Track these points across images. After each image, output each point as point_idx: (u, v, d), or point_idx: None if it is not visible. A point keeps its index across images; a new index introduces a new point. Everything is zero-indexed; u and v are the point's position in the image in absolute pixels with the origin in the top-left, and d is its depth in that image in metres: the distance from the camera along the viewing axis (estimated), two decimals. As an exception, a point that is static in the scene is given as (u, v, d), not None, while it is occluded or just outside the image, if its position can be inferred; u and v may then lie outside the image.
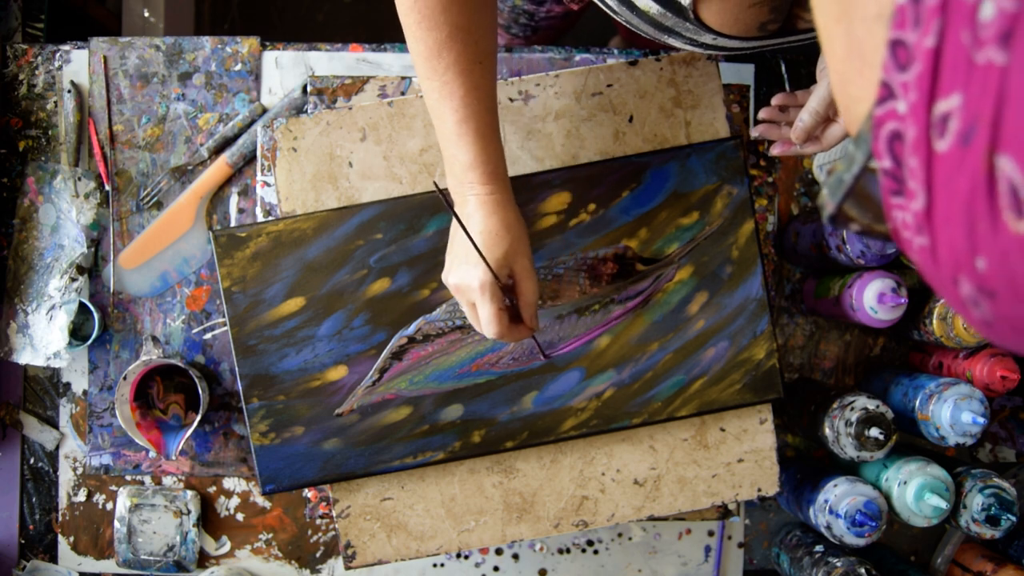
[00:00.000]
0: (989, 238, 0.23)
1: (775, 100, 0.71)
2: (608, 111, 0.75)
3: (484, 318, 0.62)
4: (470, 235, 0.60)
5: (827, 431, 0.79)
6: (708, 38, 0.62)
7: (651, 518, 0.82)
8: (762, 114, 0.72)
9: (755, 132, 0.72)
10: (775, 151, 0.70)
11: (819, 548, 0.84)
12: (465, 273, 0.62)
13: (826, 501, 0.78)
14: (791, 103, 0.72)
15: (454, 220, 0.65)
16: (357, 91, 0.89)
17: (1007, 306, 0.24)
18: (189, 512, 0.89)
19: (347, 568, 0.75)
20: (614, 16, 0.67)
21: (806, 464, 0.89)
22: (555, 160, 0.75)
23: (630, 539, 0.93)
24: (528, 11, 1.01)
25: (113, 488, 0.91)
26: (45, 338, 0.87)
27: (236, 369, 0.71)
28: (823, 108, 0.66)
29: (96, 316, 0.87)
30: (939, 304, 0.79)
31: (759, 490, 0.76)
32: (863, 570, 0.79)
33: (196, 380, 0.84)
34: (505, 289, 0.62)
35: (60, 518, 0.91)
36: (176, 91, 0.91)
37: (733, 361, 0.73)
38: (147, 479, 0.91)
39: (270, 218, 0.85)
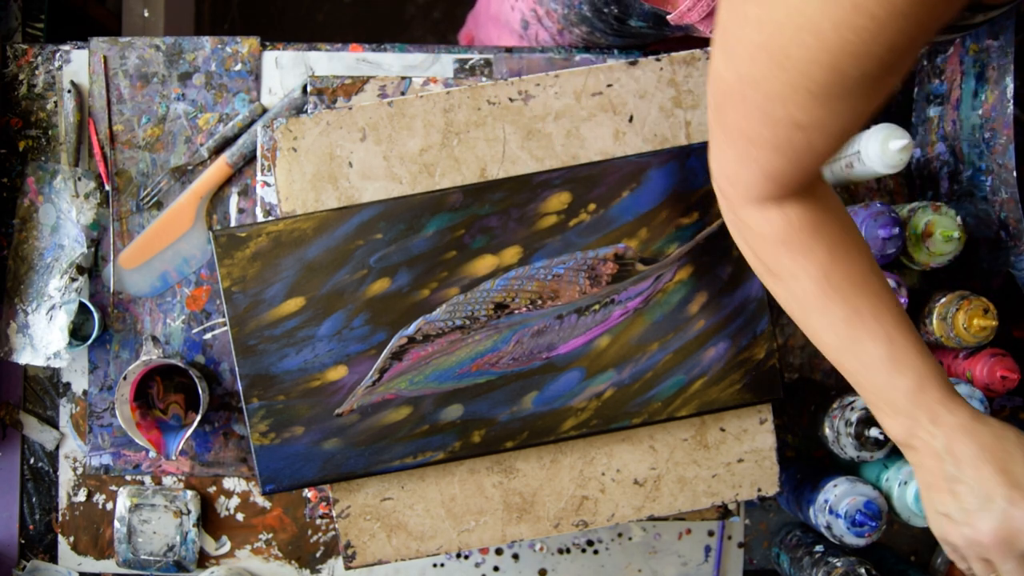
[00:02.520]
0: None
1: None
2: (608, 111, 0.75)
3: None
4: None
5: (827, 431, 0.79)
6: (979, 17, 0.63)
7: (651, 518, 0.82)
8: None
9: None
10: None
11: (819, 548, 0.84)
12: (1006, 515, 0.51)
13: (826, 501, 0.78)
14: None
15: (931, 459, 0.55)
16: (357, 91, 0.89)
17: None
18: (189, 512, 0.89)
19: (347, 568, 0.75)
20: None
21: (806, 464, 0.89)
22: (555, 160, 0.75)
23: (630, 539, 0.93)
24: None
25: (113, 488, 0.91)
26: (45, 338, 0.87)
27: (236, 369, 0.71)
28: None
29: (96, 316, 0.87)
30: (939, 304, 0.79)
31: (759, 490, 0.76)
32: (863, 570, 0.79)
33: (196, 380, 0.84)
34: None
35: (60, 518, 0.91)
36: (176, 91, 0.91)
37: (733, 361, 0.73)
38: (147, 479, 0.91)
39: (270, 218, 0.85)
